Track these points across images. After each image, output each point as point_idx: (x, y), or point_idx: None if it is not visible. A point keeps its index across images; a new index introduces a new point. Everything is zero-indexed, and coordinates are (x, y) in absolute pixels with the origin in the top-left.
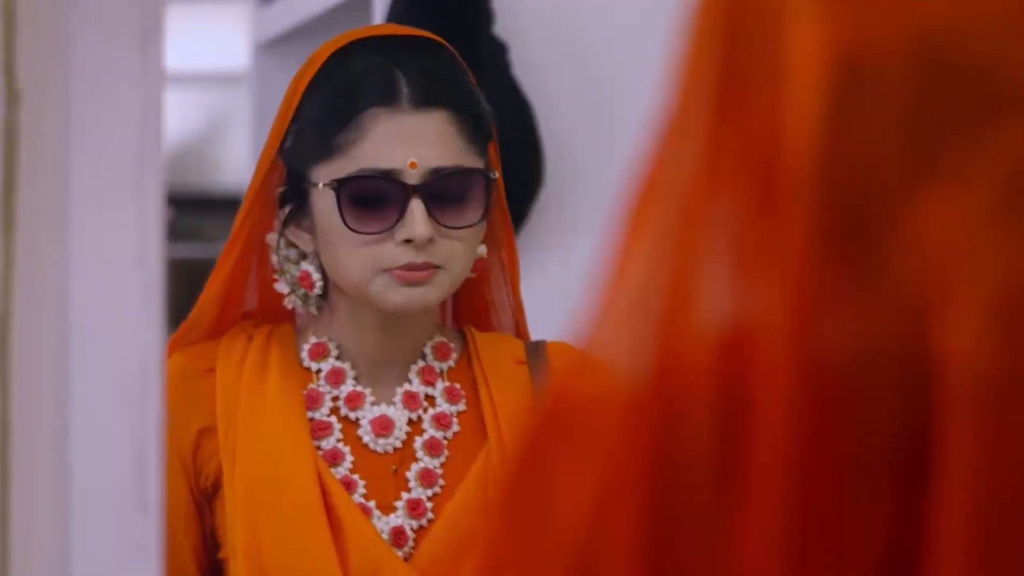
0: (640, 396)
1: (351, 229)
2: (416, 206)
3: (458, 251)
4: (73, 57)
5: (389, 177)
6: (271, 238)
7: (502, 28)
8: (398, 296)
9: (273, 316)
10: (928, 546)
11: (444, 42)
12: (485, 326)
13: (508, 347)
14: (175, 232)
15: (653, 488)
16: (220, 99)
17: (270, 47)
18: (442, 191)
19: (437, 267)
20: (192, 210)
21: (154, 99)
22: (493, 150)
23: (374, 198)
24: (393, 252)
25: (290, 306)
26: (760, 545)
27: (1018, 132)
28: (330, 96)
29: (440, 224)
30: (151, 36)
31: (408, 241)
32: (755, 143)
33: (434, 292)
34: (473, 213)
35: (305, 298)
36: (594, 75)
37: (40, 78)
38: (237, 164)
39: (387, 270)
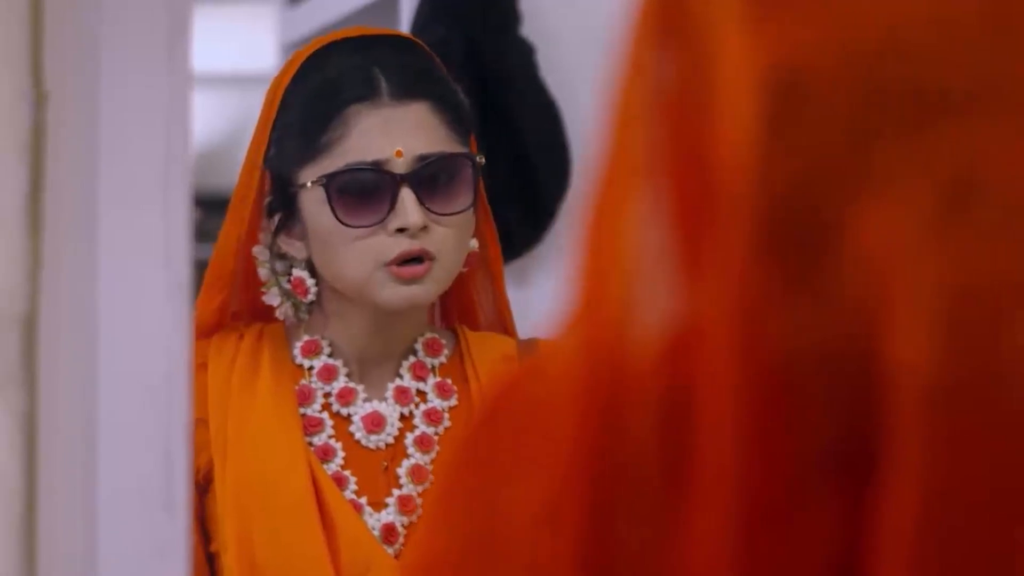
0: (584, 397)
1: (343, 223)
2: (407, 194)
3: (451, 239)
4: (100, 58)
5: (377, 168)
6: (258, 251)
7: (529, 30)
8: (396, 294)
9: (263, 315)
10: (873, 550)
11: (415, 39)
12: (472, 325)
13: (500, 345)
14: (201, 233)
15: (597, 489)
16: (247, 100)
17: (297, 48)
18: (430, 178)
19: (432, 258)
20: (218, 211)
21: (181, 100)
22: (474, 142)
23: (364, 191)
24: (387, 243)
25: (281, 316)
26: (706, 547)
27: (951, 138)
28: (310, 98)
29: (431, 211)
30: (178, 37)
31: (401, 230)
32: (689, 152)
33: (430, 288)
34: (463, 199)
35: (296, 306)
36: None
37: (67, 79)
38: None
39: (384, 265)
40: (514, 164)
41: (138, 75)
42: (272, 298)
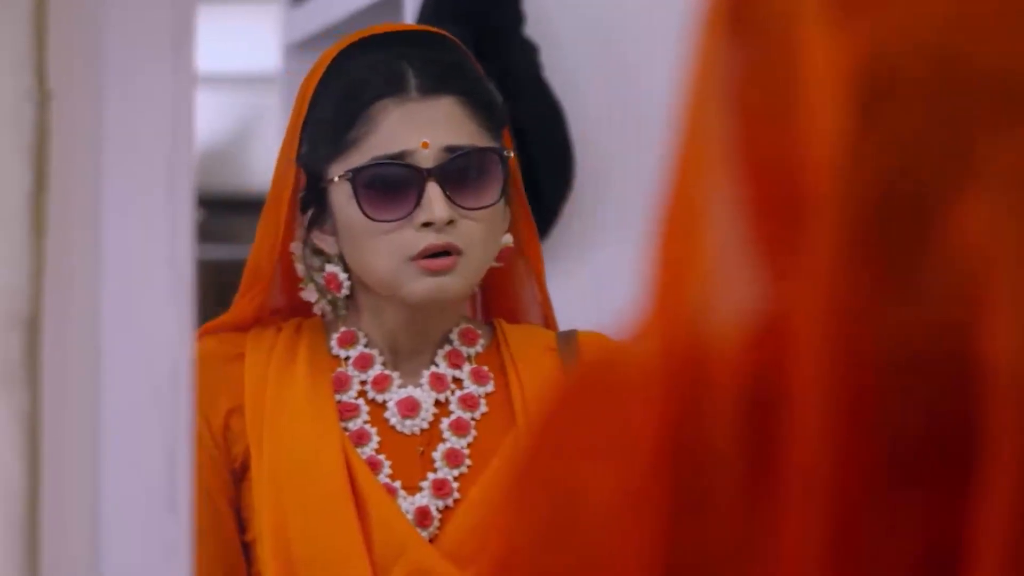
0: (665, 387)
1: (369, 217)
2: (432, 189)
3: (478, 233)
4: (104, 58)
5: (403, 162)
6: (295, 247)
7: (533, 30)
8: (423, 286)
9: (303, 312)
10: (968, 550)
11: (447, 34)
12: (516, 321)
13: (538, 336)
14: (205, 233)
15: (678, 480)
16: (251, 100)
17: (301, 48)
18: (457, 172)
19: (459, 253)
20: (222, 211)
21: (185, 100)
22: (508, 137)
23: (390, 185)
24: (413, 237)
25: (318, 312)
26: (794, 541)
27: None
28: (338, 95)
29: (458, 206)
30: (182, 37)
31: (427, 225)
32: (771, 146)
33: (458, 282)
34: (491, 193)
35: (334, 303)
36: (625, 77)
37: (71, 79)
38: (268, 165)
39: (411, 259)
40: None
41: (142, 75)
42: (309, 294)
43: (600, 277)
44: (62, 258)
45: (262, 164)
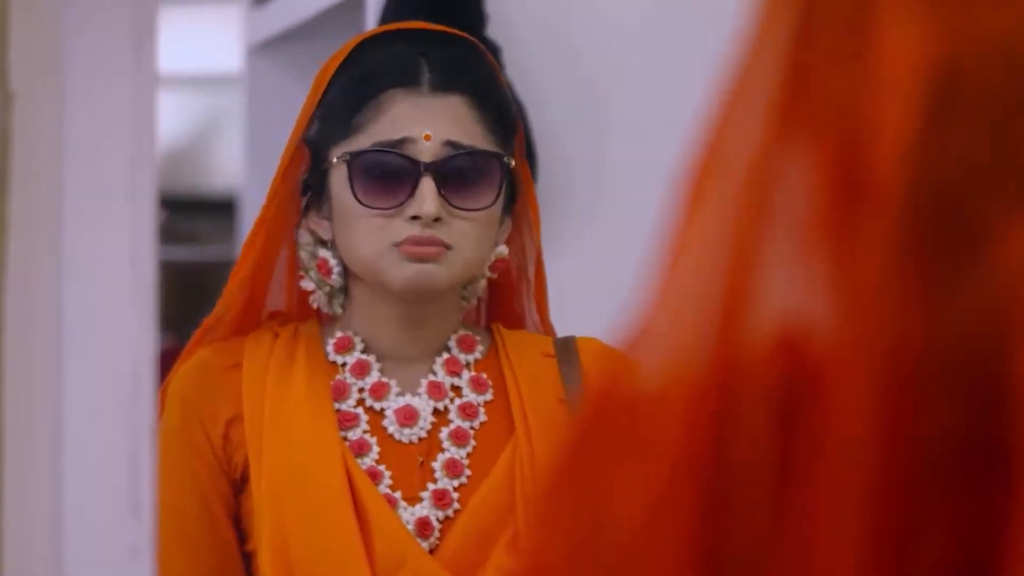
0: (696, 391)
1: (360, 202)
2: (427, 183)
3: (469, 233)
4: (66, 59)
5: (401, 152)
6: (300, 233)
7: (495, 31)
8: (406, 272)
9: (299, 317)
10: (999, 564)
11: (474, 39)
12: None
13: (536, 342)
14: (168, 234)
15: (709, 484)
16: (213, 101)
17: (263, 49)
18: (455, 171)
19: (446, 247)
20: (185, 212)
21: (147, 101)
22: (519, 146)
23: (386, 173)
24: (401, 227)
25: (315, 305)
26: (828, 551)
27: None
28: (352, 80)
29: (450, 204)
30: (144, 38)
31: (416, 218)
32: (834, 135)
33: (442, 271)
34: (486, 197)
35: (330, 296)
36: (585, 77)
37: (33, 80)
38: (230, 166)
39: (396, 245)
40: None
41: (104, 76)
42: (308, 283)
43: (562, 276)
44: (24, 259)
45: (224, 165)
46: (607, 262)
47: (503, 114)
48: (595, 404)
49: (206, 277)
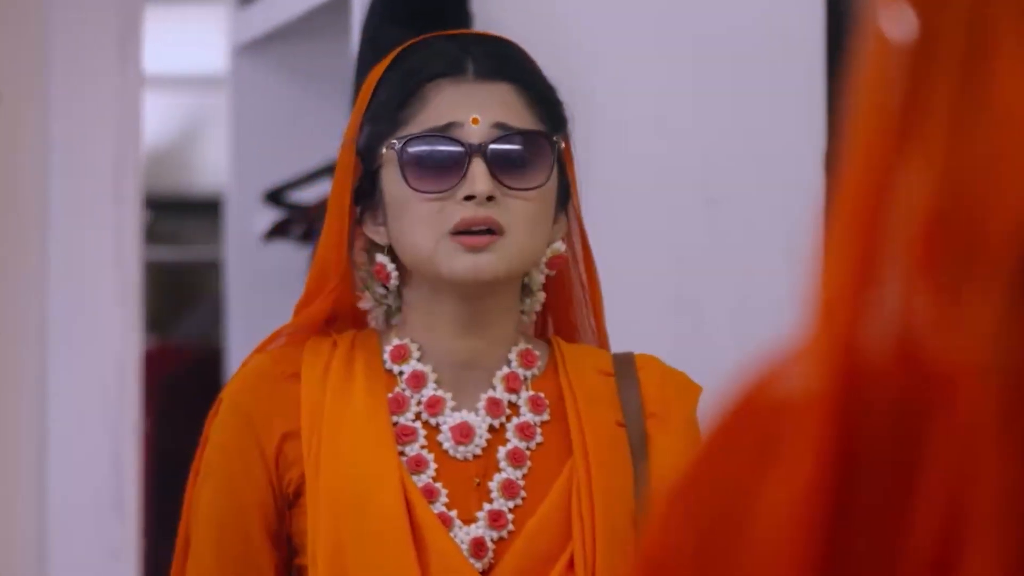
0: (825, 399)
1: (412, 188)
2: (477, 164)
3: (522, 214)
4: (51, 60)
5: (451, 136)
6: (358, 254)
7: (481, 28)
8: (462, 262)
9: (356, 323)
10: None
11: (514, 42)
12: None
13: (595, 359)
14: (152, 235)
15: (839, 492)
16: (198, 102)
17: (248, 50)
18: (505, 152)
19: (500, 230)
20: (170, 213)
21: (132, 102)
22: (568, 152)
23: (436, 157)
24: (454, 210)
25: (373, 324)
26: (970, 566)
27: None
28: (397, 79)
29: (503, 184)
30: (129, 39)
31: (469, 199)
32: (963, 165)
33: (497, 260)
34: (538, 176)
35: (388, 314)
36: (573, 77)
37: (18, 81)
38: (215, 167)
39: (450, 234)
40: None
41: (89, 77)
42: (366, 302)
43: None
44: (9, 260)
45: (209, 166)
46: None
47: (550, 101)
48: (737, 403)
49: (191, 278)
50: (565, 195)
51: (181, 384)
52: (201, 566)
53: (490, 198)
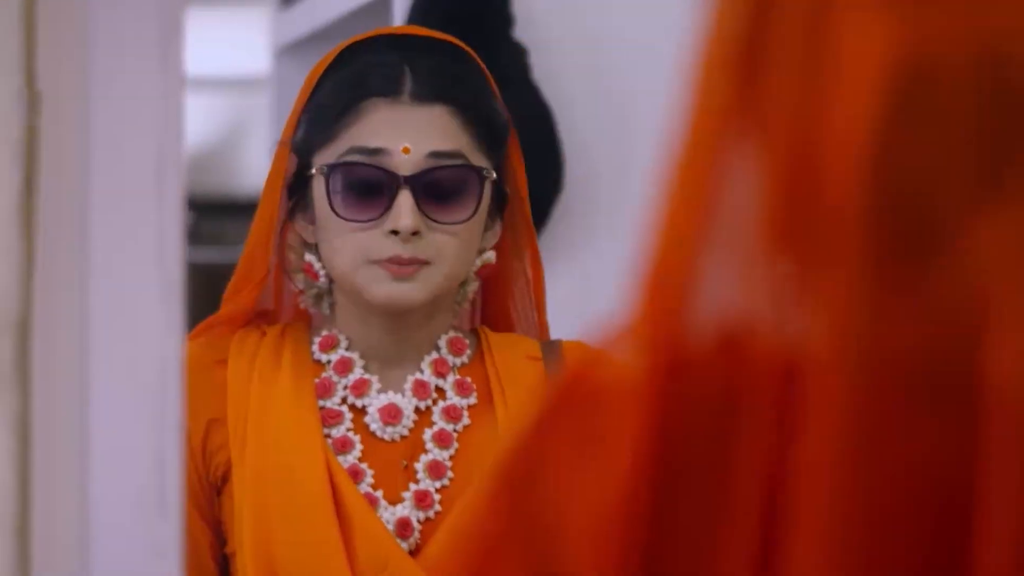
0: (648, 393)
1: (338, 215)
2: (404, 197)
3: (449, 246)
4: (93, 61)
5: (379, 164)
6: (291, 237)
7: (522, 33)
8: (383, 289)
9: (288, 317)
10: (971, 559)
11: (465, 46)
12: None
13: (522, 345)
14: (195, 236)
15: (658, 480)
16: (240, 103)
17: (290, 51)
18: (433, 184)
19: (425, 263)
20: (212, 214)
21: (174, 102)
22: (514, 154)
23: (364, 186)
24: (380, 243)
25: (303, 306)
26: (790, 556)
27: None
28: (336, 86)
29: (429, 218)
30: (171, 40)
31: (395, 232)
32: (787, 138)
33: (421, 288)
34: (465, 209)
35: (317, 297)
36: (613, 79)
37: (60, 82)
38: (257, 168)
39: (375, 261)
40: None
41: (131, 76)
42: (299, 282)
43: (589, 279)
44: (51, 260)
45: (251, 167)
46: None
47: (490, 123)
48: (556, 396)
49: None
50: (500, 203)
51: None
52: None
53: (415, 233)
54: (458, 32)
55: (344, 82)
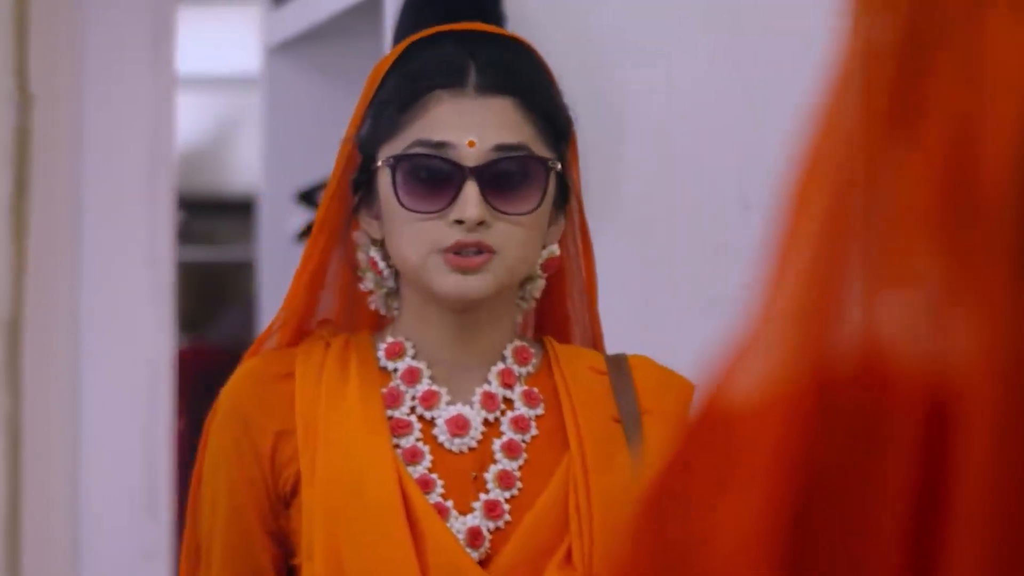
0: (788, 413)
1: (404, 207)
2: (470, 187)
3: (514, 236)
4: (85, 61)
5: (445, 155)
6: (358, 235)
7: (514, 30)
8: (449, 281)
9: (348, 326)
10: None
11: (527, 41)
12: (565, 339)
13: (588, 358)
14: (186, 235)
15: (801, 507)
16: (231, 102)
17: (281, 50)
18: (499, 175)
19: (491, 252)
20: (203, 213)
21: (165, 102)
22: (573, 151)
23: (429, 177)
24: (446, 231)
25: (373, 306)
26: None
27: None
28: (400, 79)
29: (495, 208)
30: (162, 39)
31: (460, 222)
32: (941, 142)
33: (487, 280)
34: (530, 200)
35: (387, 297)
36: (605, 76)
37: (52, 82)
38: (248, 167)
39: (441, 251)
40: None
41: (123, 77)
42: (367, 284)
43: None
44: (43, 260)
45: (242, 166)
46: (625, 260)
47: (554, 117)
48: (696, 420)
49: (224, 278)
50: (564, 197)
51: (214, 384)
52: (210, 568)
53: (481, 223)
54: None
55: (408, 76)
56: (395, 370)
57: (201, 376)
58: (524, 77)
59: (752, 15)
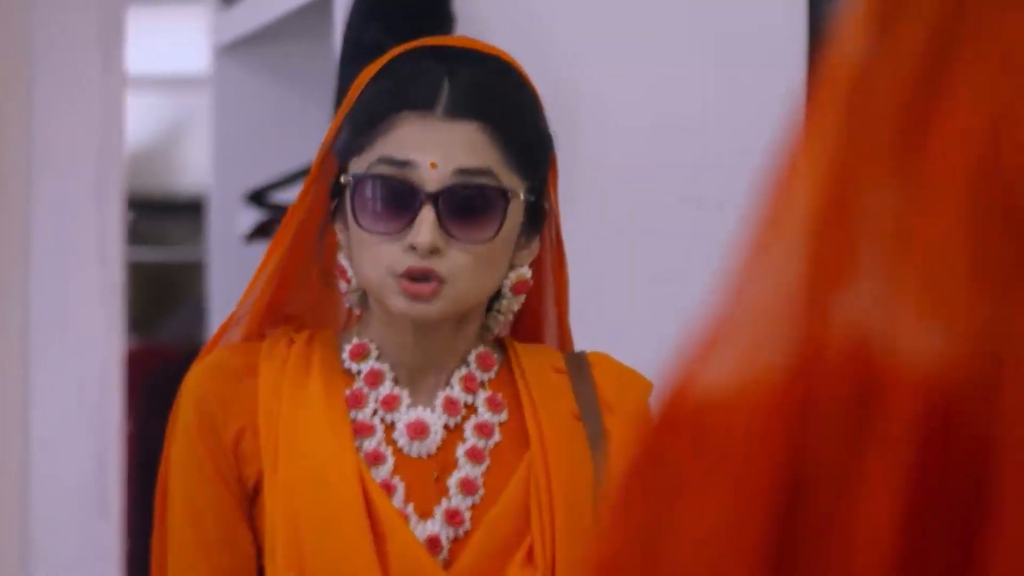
0: (769, 401)
1: (361, 226)
2: (427, 213)
3: (466, 265)
4: (34, 60)
5: (405, 175)
6: (339, 228)
7: (464, 31)
8: (402, 304)
9: (315, 323)
10: None
11: (513, 59)
12: (537, 341)
13: (548, 357)
14: (135, 235)
15: (779, 500)
16: (181, 102)
17: (230, 50)
18: (457, 201)
19: (440, 281)
20: (152, 213)
21: (115, 102)
22: (553, 174)
23: (387, 199)
24: (399, 256)
25: (347, 304)
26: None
27: None
28: (376, 94)
29: (449, 235)
30: (112, 39)
31: (414, 248)
32: (959, 153)
33: (436, 307)
34: (487, 229)
35: (361, 297)
36: (556, 78)
37: (0, 80)
38: (198, 167)
39: (395, 276)
40: None
41: (72, 76)
42: (341, 286)
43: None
44: None
45: (192, 166)
46: (577, 259)
47: (523, 141)
48: (667, 410)
49: (174, 278)
50: (538, 219)
51: (164, 385)
52: (183, 557)
53: (434, 251)
54: (400, 33)
55: (383, 92)
56: (359, 372)
57: (151, 376)
58: (499, 100)
59: (706, 9)
